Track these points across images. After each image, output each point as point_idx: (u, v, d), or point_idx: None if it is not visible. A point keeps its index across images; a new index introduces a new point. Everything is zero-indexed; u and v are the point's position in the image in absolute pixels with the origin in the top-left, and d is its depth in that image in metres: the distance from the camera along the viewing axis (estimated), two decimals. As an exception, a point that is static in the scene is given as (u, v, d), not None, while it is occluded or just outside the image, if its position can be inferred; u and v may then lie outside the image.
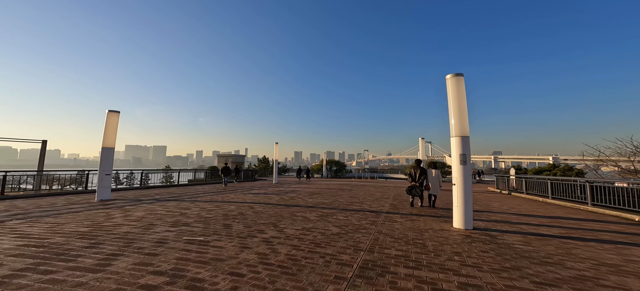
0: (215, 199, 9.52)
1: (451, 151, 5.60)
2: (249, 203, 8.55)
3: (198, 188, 14.34)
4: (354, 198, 10.46)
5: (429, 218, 6.60)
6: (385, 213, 7.34)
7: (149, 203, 8.14)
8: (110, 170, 9.14)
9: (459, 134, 5.49)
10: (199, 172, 21.15)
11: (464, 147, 5.40)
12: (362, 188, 15.44)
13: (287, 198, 10.05)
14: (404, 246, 4.24)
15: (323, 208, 7.83)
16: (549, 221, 6.62)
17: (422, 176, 8.43)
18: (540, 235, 5.18)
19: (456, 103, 5.60)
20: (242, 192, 12.54)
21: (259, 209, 7.48)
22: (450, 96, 5.72)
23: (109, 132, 9.19)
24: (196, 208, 7.36)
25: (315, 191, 13.21)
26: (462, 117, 5.51)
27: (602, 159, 14.27)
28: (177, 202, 8.47)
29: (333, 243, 4.34)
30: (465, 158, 5.33)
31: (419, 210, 7.91)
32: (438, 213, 7.32)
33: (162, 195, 10.64)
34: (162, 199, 9.18)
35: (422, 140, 18.34)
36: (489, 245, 4.43)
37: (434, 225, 5.84)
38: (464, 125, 5.49)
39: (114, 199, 8.93)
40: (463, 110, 5.54)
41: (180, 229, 4.92)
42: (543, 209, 8.82)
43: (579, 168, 23.57)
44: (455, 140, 5.53)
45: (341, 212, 7.35)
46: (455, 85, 5.67)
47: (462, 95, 5.62)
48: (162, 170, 17.64)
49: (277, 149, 21.71)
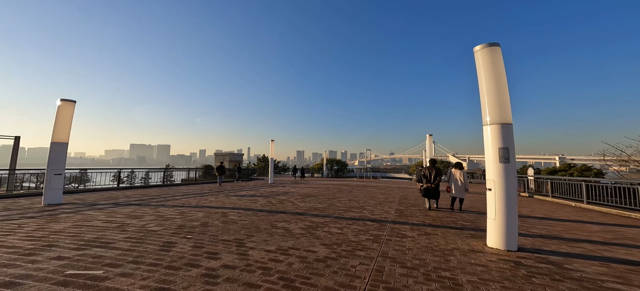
0: (188, 203, 8.05)
1: (485, 145, 4.04)
2: (225, 208, 7.06)
3: (183, 188, 12.90)
4: (354, 202, 8.93)
5: (448, 231, 5.04)
6: (391, 222, 5.81)
7: (97, 210, 6.67)
8: (61, 170, 7.70)
9: (498, 121, 3.94)
10: (192, 171, 19.83)
11: (506, 138, 3.84)
12: (363, 190, 13.89)
13: (275, 202, 8.55)
14: (425, 286, 2.71)
15: (314, 216, 6.31)
16: (613, 237, 5.02)
17: (438, 177, 7.45)
18: (622, 260, 3.60)
19: (492, 80, 4.04)
20: (228, 193, 11.07)
21: (233, 217, 5.98)
22: (482, 73, 4.16)
23: (61, 124, 7.75)
24: (151, 216, 5.87)
25: (311, 193, 11.69)
26: (501, 99, 3.96)
27: (623, 159, 12.90)
28: (136, 207, 6.99)
29: (314, 279, 2.82)
30: (507, 153, 3.78)
31: (434, 217, 6.36)
32: (457, 223, 5.76)
33: (131, 197, 9.20)
34: (124, 203, 7.72)
35: (429, 137, 16.72)
36: (561, 281, 2.88)
37: (459, 243, 4.30)
38: (505, 108, 3.94)
39: (64, 204, 7.48)
40: (502, 89, 3.99)
41: (83, 253, 3.41)
42: (586, 217, 7.21)
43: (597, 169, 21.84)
44: (491, 129, 3.98)
45: (335, 221, 5.82)
46: (490, 59, 4.12)
47: (499, 70, 4.06)
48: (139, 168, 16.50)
49: (273, 147, 20.24)
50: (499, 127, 3.92)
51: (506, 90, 3.99)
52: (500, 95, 3.96)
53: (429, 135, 16.66)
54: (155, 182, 15.33)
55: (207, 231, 4.64)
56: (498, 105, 3.95)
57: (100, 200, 8.36)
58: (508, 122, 3.90)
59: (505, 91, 3.98)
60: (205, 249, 3.67)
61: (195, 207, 7.19)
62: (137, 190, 11.55)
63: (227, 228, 4.88)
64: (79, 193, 10.30)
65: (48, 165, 7.60)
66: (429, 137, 16.75)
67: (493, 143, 3.91)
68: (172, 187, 13.96)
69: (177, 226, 4.85)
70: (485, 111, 4.07)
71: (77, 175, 13.90)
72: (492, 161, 3.89)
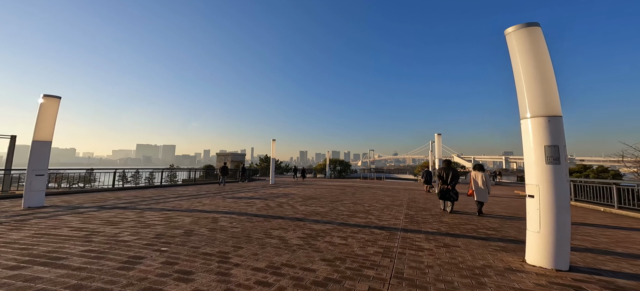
0: (179, 206, 7.42)
1: (525, 142, 3.29)
2: (218, 213, 6.41)
3: (181, 189, 12.32)
4: (358, 205, 8.20)
5: (471, 243, 4.30)
6: (402, 230, 5.08)
7: (77, 214, 6.06)
8: (43, 170, 7.14)
9: (543, 113, 3.19)
10: (192, 172, 19.35)
11: (554, 134, 3.09)
12: (368, 191, 13.14)
13: (273, 205, 7.88)
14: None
15: (315, 222, 5.61)
16: (665, 250, 4.21)
17: (454, 179, 7.07)
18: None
19: (533, 65, 3.29)
20: (226, 195, 10.44)
21: (223, 223, 5.32)
22: (519, 58, 3.43)
23: (44, 122, 7.19)
24: (131, 221, 5.21)
25: (313, 194, 10.99)
26: (546, 86, 3.21)
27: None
28: (120, 211, 6.37)
29: (310, 315, 2.13)
30: (557, 152, 3.01)
31: (450, 223, 5.61)
32: (478, 231, 5.00)
33: (122, 199, 8.62)
34: (110, 206, 7.13)
35: (438, 136, 15.86)
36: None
37: (489, 258, 3.55)
38: (552, 98, 3.19)
39: (46, 207, 6.90)
40: (547, 75, 3.24)
41: (16, 274, 2.74)
42: (624, 223, 6.38)
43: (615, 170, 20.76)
44: (533, 123, 3.24)
45: (339, 228, 5.12)
46: (529, 40, 3.38)
47: (542, 53, 3.31)
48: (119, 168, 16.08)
49: (274, 146, 19.62)
50: (544, 120, 3.16)
51: (552, 76, 3.23)
52: (546, 81, 3.21)
53: (437, 134, 15.80)
54: (157, 183, 14.85)
55: (189, 241, 3.97)
56: (543, 94, 3.19)
57: (87, 202, 7.78)
58: (557, 114, 3.14)
59: (551, 77, 3.22)
60: (178, 266, 3.00)
61: (185, 211, 6.55)
62: (132, 192, 11.00)
63: (213, 238, 4.21)
64: (69, 194, 9.77)
65: (28, 165, 7.04)
66: (437, 137, 15.90)
67: (536, 140, 3.15)
68: (170, 187, 13.40)
69: (154, 236, 4.19)
70: (525, 102, 3.32)
71: (83, 174, 13.73)
72: (534, 162, 3.13)
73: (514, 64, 3.55)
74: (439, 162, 14.39)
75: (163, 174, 15.72)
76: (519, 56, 3.45)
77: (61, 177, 12.64)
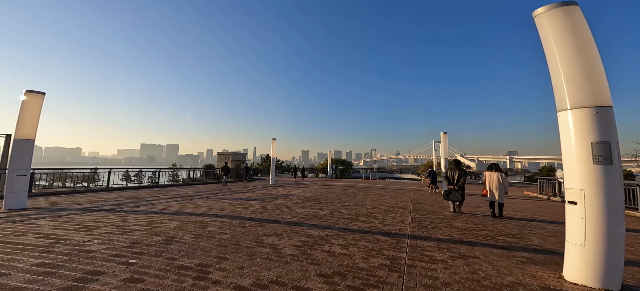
0: (169, 208, 6.94)
1: (563, 139, 2.73)
2: (209, 216, 5.91)
3: (177, 189, 11.87)
4: (361, 207, 7.66)
5: (491, 252, 3.74)
6: (410, 237, 4.54)
7: (55, 217, 5.59)
8: (25, 170, 6.70)
9: (589, 103, 2.63)
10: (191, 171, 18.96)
11: (604, 128, 2.53)
12: (371, 192, 12.58)
13: (270, 207, 7.37)
14: None
15: (313, 227, 5.09)
16: None
17: (461, 178, 6.75)
18: None
19: (574, 47, 2.73)
20: (222, 195, 9.96)
21: (212, 228, 4.81)
22: (554, 40, 2.86)
23: (27, 119, 6.76)
24: (109, 226, 4.70)
25: (313, 195, 10.46)
26: (593, 71, 2.65)
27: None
28: (103, 214, 5.90)
29: None
30: (608, 150, 2.45)
31: (463, 229, 5.05)
32: (496, 237, 4.44)
33: (111, 200, 8.17)
34: (95, 208, 6.66)
35: (444, 134, 15.24)
36: None
37: (517, 272, 3.00)
38: (600, 85, 2.62)
39: (27, 209, 6.45)
40: (593, 58, 2.67)
41: None
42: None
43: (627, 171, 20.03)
44: (575, 115, 2.68)
45: (339, 235, 4.59)
46: (568, 22, 2.81)
47: (584, 34, 2.75)
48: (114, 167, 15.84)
49: (274, 145, 19.14)
50: (591, 112, 2.60)
51: (599, 61, 2.66)
52: (592, 66, 2.64)
53: (443, 133, 15.19)
54: (158, 182, 14.44)
55: (166, 251, 3.47)
56: (587, 81, 2.62)
57: (74, 203, 7.33)
58: (606, 103, 2.58)
59: (596, 61, 2.65)
60: (141, 285, 2.48)
61: (173, 214, 6.06)
62: (125, 192, 10.56)
63: (196, 246, 3.71)
64: (57, 195, 9.35)
65: (9, 165, 6.62)
66: (443, 135, 15.28)
67: (579, 136, 2.60)
68: (166, 188, 12.95)
69: (128, 244, 3.68)
70: (563, 91, 2.75)
71: (88, 174, 13.46)
72: (576, 161, 2.57)
73: (547, 49, 2.98)
74: (445, 162, 13.79)
75: (163, 174, 15.32)
76: (554, 39, 2.88)
77: (65, 176, 12.24)
